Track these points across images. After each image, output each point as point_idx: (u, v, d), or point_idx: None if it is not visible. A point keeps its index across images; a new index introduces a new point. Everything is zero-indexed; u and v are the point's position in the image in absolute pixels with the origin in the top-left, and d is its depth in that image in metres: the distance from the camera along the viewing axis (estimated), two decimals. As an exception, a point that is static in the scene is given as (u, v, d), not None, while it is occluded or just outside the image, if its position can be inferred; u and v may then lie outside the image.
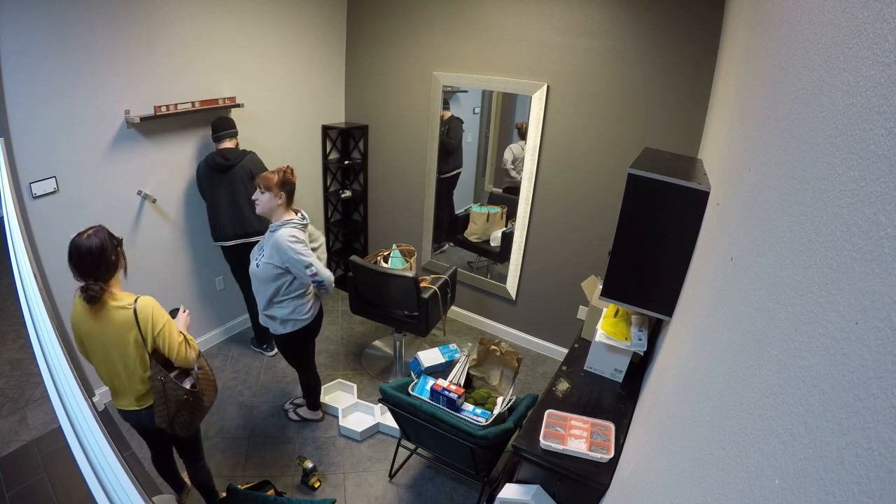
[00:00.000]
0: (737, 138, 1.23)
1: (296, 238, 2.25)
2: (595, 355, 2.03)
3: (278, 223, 2.29)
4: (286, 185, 2.28)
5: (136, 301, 1.72)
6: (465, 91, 3.52)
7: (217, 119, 2.94)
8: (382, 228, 4.22)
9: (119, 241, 1.74)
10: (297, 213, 2.37)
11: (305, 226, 2.39)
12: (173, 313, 1.93)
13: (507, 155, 3.59)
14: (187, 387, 1.83)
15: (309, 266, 2.27)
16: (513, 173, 3.55)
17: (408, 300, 2.93)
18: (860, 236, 0.43)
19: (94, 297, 1.62)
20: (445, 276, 3.11)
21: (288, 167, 2.33)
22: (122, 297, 1.71)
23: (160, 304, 1.81)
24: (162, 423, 1.83)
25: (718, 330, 0.90)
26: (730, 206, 1.11)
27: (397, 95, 3.69)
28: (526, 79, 3.06)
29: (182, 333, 1.85)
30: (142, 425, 1.93)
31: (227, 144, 2.93)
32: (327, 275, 2.35)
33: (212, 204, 2.99)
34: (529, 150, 3.19)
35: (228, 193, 2.93)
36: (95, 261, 1.63)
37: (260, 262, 2.31)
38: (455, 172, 3.86)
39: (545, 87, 3.00)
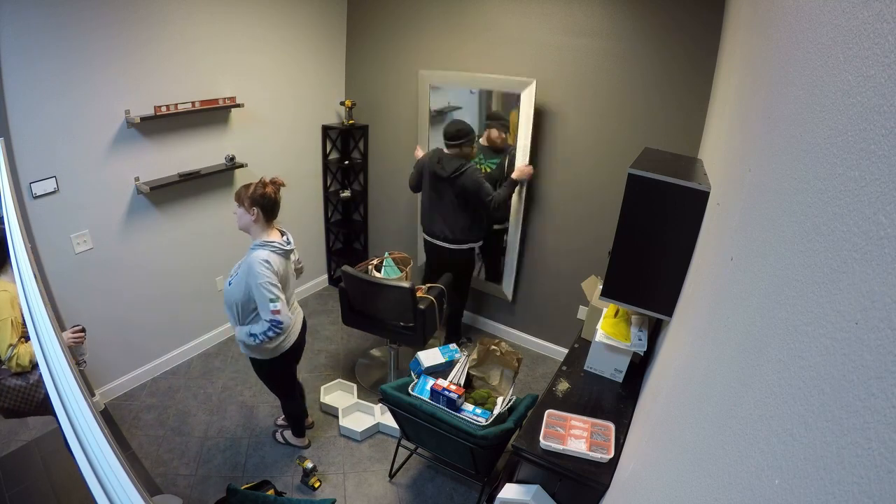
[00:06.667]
0: (737, 138, 1.23)
1: (268, 264, 2.00)
2: (595, 355, 2.03)
3: (258, 242, 2.07)
4: (260, 201, 2.03)
5: None
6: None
7: (449, 124, 3.04)
8: (382, 228, 4.22)
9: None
10: (282, 235, 2.14)
11: (288, 252, 2.14)
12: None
13: None
14: None
15: (274, 300, 2.00)
16: None
17: (403, 311, 2.75)
18: (860, 236, 0.43)
19: None
20: (440, 285, 2.99)
21: (270, 180, 2.08)
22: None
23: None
24: None
25: (718, 330, 0.90)
26: (730, 206, 1.11)
27: (396, 95, 3.69)
28: (523, 77, 3.04)
29: (21, 338, 1.88)
30: None
31: (449, 151, 3.01)
32: (288, 320, 2.07)
33: (427, 196, 3.16)
34: (520, 149, 3.12)
35: (439, 198, 3.08)
36: None
37: (233, 280, 2.10)
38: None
39: (534, 84, 2.92)
